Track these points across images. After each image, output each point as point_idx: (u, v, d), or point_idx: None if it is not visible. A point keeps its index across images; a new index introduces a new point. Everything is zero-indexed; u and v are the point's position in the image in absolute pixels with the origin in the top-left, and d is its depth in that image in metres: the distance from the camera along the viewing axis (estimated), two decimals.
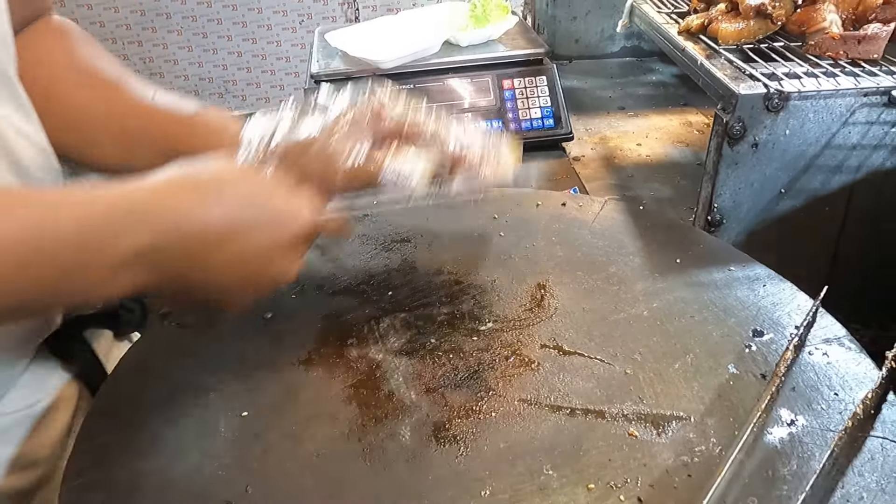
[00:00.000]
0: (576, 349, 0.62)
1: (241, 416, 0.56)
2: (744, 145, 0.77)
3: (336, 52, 1.31)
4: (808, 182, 0.79)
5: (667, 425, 0.54)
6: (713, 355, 0.61)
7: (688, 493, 0.48)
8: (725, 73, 0.80)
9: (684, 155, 1.30)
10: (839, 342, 0.61)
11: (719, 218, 0.81)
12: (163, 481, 0.51)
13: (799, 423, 0.54)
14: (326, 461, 0.52)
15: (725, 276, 0.70)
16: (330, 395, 0.58)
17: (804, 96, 0.74)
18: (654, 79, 1.63)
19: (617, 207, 0.83)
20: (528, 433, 0.54)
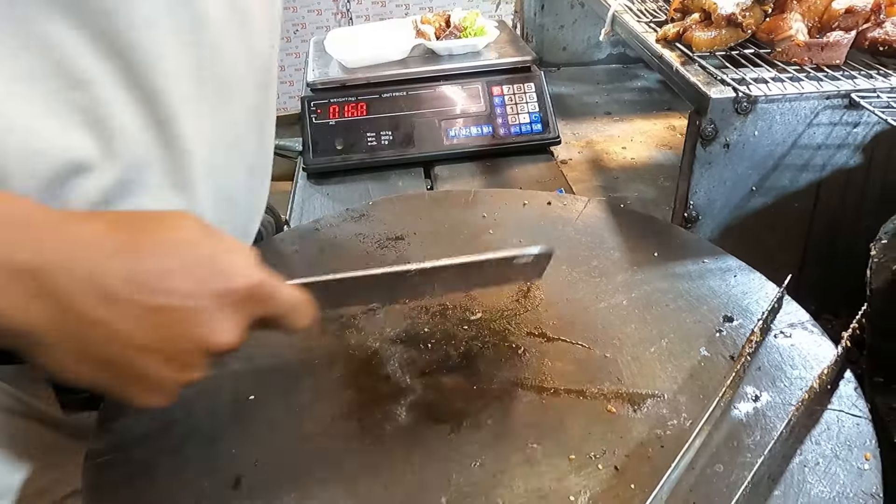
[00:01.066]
0: (559, 336, 0.67)
1: (248, 399, 0.60)
2: (716, 146, 0.82)
3: (331, 61, 1.36)
4: (777, 180, 0.84)
5: (642, 403, 0.59)
6: (686, 339, 0.65)
7: (660, 461, 0.53)
8: (699, 78, 0.85)
9: (668, 158, 1.35)
10: (803, 326, 0.66)
11: (695, 214, 0.86)
12: (177, 458, 0.55)
13: (763, 399, 0.58)
14: (328, 438, 0.57)
15: (699, 268, 0.75)
16: (330, 380, 0.62)
17: (771, 100, 0.79)
18: (639, 85, 1.69)
19: (599, 206, 0.88)
20: (515, 411, 0.58)
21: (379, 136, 1.28)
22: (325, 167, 1.26)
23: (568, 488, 0.51)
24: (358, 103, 1.29)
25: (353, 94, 1.29)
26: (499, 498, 0.51)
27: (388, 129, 1.28)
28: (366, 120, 1.28)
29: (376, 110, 1.29)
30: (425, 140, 1.28)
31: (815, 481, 0.51)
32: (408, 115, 1.29)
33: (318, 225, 0.87)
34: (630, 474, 0.52)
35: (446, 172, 1.26)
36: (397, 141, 1.28)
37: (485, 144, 1.28)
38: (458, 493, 0.51)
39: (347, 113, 1.29)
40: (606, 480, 0.52)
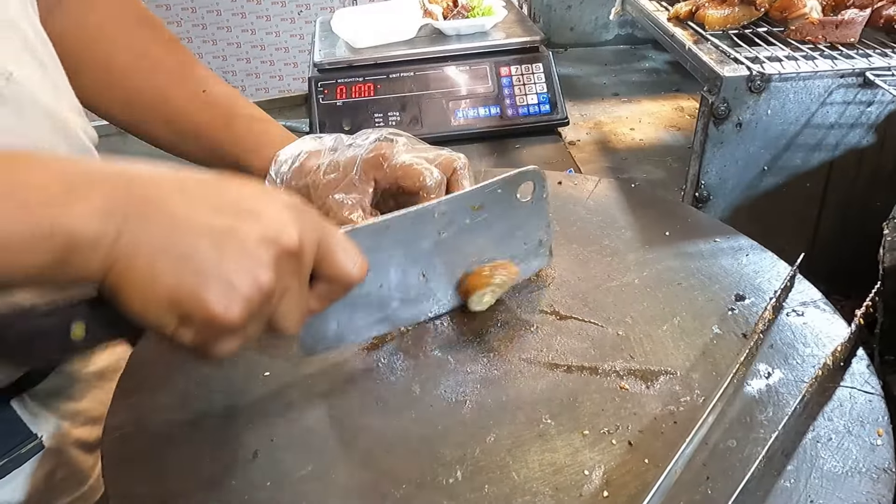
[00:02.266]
0: (571, 314, 0.67)
1: (264, 376, 0.61)
2: (728, 125, 0.81)
3: (337, 41, 1.35)
4: (789, 159, 0.84)
5: (655, 379, 0.59)
6: (698, 318, 0.66)
7: (673, 436, 0.53)
8: (711, 57, 0.84)
9: (676, 139, 1.35)
10: (815, 305, 0.66)
11: (706, 194, 0.85)
12: (194, 433, 0.56)
13: (775, 376, 0.59)
14: (343, 414, 0.57)
15: (711, 247, 0.75)
16: (344, 357, 0.63)
17: (785, 78, 0.79)
18: (647, 66, 1.68)
19: (610, 185, 0.88)
20: (528, 388, 0.59)
21: (386, 117, 1.27)
22: None
23: (582, 462, 0.52)
24: (365, 84, 1.28)
25: (360, 75, 1.28)
26: (513, 472, 0.51)
27: (395, 109, 1.28)
28: (373, 100, 1.28)
29: (383, 91, 1.28)
30: (433, 121, 1.27)
31: (827, 456, 0.51)
32: (415, 95, 1.28)
33: None
34: (644, 449, 0.53)
35: None
36: (405, 121, 1.27)
37: (492, 125, 1.28)
38: (473, 467, 0.52)
39: (355, 93, 1.28)
40: (620, 455, 0.52)
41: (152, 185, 0.42)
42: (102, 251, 0.39)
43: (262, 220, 0.43)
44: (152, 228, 0.40)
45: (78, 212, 0.38)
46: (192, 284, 0.41)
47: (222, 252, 0.41)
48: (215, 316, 0.41)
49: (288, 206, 0.45)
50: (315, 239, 0.46)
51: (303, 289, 0.47)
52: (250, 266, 0.42)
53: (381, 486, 0.51)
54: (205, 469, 0.52)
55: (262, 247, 0.42)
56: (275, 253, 0.43)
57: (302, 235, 0.44)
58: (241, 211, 0.43)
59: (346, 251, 0.48)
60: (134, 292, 0.41)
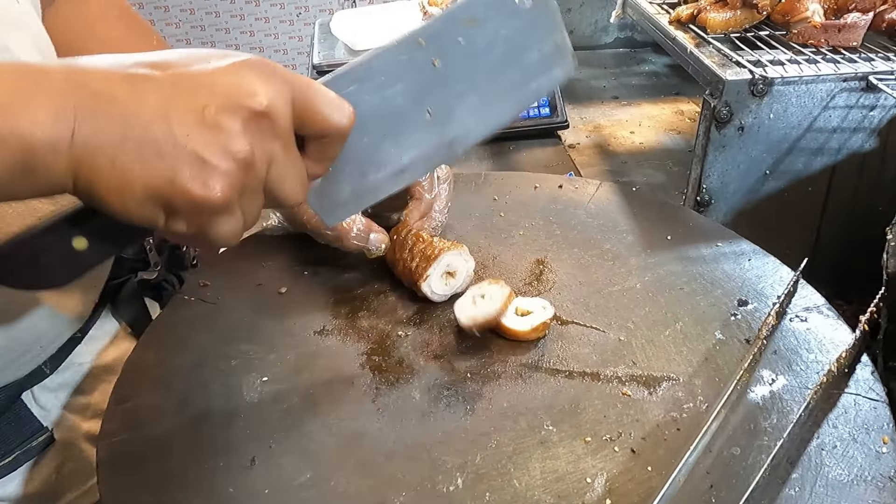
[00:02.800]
0: (573, 319, 0.66)
1: (263, 380, 0.60)
2: (730, 129, 0.81)
3: (336, 43, 1.35)
4: (791, 163, 0.83)
5: (657, 385, 0.58)
6: (701, 323, 0.65)
7: (677, 444, 0.53)
8: (713, 60, 0.84)
9: (676, 142, 1.34)
10: (818, 310, 0.66)
11: (708, 198, 0.85)
12: (191, 439, 0.55)
13: (779, 382, 0.58)
14: (342, 420, 0.56)
15: (713, 252, 0.74)
16: (344, 362, 0.62)
17: (787, 82, 0.78)
18: (646, 69, 1.67)
19: (611, 189, 0.87)
20: (530, 394, 0.58)
21: None
22: None
23: (584, 470, 0.51)
24: None
25: None
26: (515, 479, 0.51)
27: None
28: None
29: None
30: None
31: (832, 464, 0.51)
32: None
33: None
34: (646, 457, 0.52)
35: None
36: None
37: None
38: (474, 474, 0.51)
39: None
40: (623, 462, 0.52)
41: (101, 78, 0.39)
42: (62, 154, 0.38)
43: (220, 87, 0.40)
44: (105, 122, 0.38)
45: (28, 115, 0.37)
46: (160, 170, 0.39)
47: (184, 129, 0.39)
48: (197, 197, 0.40)
49: (250, 66, 0.41)
50: (286, 95, 0.42)
51: (289, 152, 0.44)
52: (218, 137, 0.40)
53: (381, 494, 0.50)
54: (202, 476, 0.52)
55: (226, 114, 0.40)
56: (242, 118, 0.40)
57: (270, 94, 0.41)
58: (196, 83, 0.40)
59: (325, 100, 0.44)
60: (107, 192, 0.39)
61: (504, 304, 0.62)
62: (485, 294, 0.63)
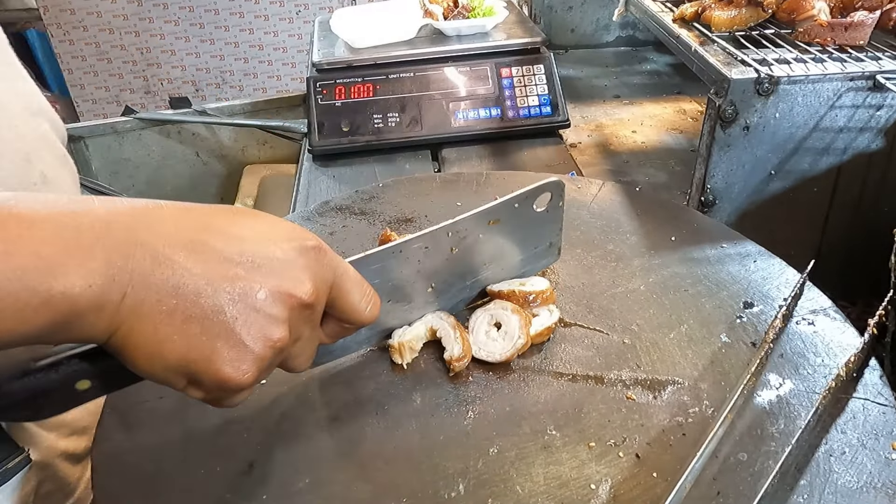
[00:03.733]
0: (576, 321, 0.65)
1: (260, 384, 0.59)
2: (736, 128, 0.80)
3: (336, 41, 1.34)
4: (797, 163, 0.82)
5: (662, 389, 0.57)
6: (706, 325, 0.64)
7: (682, 449, 0.52)
8: (718, 59, 0.83)
9: (678, 141, 1.33)
10: (825, 313, 0.65)
11: (712, 198, 0.84)
12: (187, 443, 0.54)
13: (786, 387, 0.57)
14: (342, 424, 0.55)
15: (718, 253, 0.73)
16: (344, 365, 0.61)
17: (793, 81, 0.77)
18: (648, 68, 1.66)
19: (614, 189, 0.86)
20: (533, 397, 0.57)
21: (386, 118, 1.25)
22: (331, 149, 1.24)
23: (588, 476, 0.50)
24: (364, 84, 1.27)
25: (359, 75, 1.26)
26: (517, 486, 0.50)
27: (395, 110, 1.26)
28: (372, 101, 1.26)
29: (383, 91, 1.26)
30: (433, 122, 1.26)
31: (841, 471, 0.50)
32: (415, 96, 1.26)
33: (327, 206, 0.85)
34: (652, 462, 0.51)
35: (454, 155, 1.24)
36: (404, 123, 1.25)
37: (493, 127, 1.26)
38: (475, 480, 0.50)
39: (354, 94, 1.26)
40: (628, 468, 0.51)
41: (155, 235, 0.38)
42: (107, 315, 0.36)
43: (275, 272, 0.40)
44: (157, 289, 0.37)
45: (77, 277, 0.35)
46: (201, 349, 0.38)
47: (233, 312, 0.39)
48: (227, 378, 0.40)
49: (304, 250, 0.42)
50: (329, 282, 0.44)
51: (315, 332, 0.46)
52: (263, 325, 0.40)
53: (381, 500, 0.49)
54: (198, 482, 0.51)
55: (276, 303, 0.40)
56: (289, 307, 0.41)
57: (316, 283, 0.42)
58: (253, 262, 0.40)
59: (360, 293, 0.47)
60: (140, 355, 0.38)
61: (526, 338, 0.60)
62: (500, 322, 0.61)
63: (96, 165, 1.69)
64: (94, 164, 1.68)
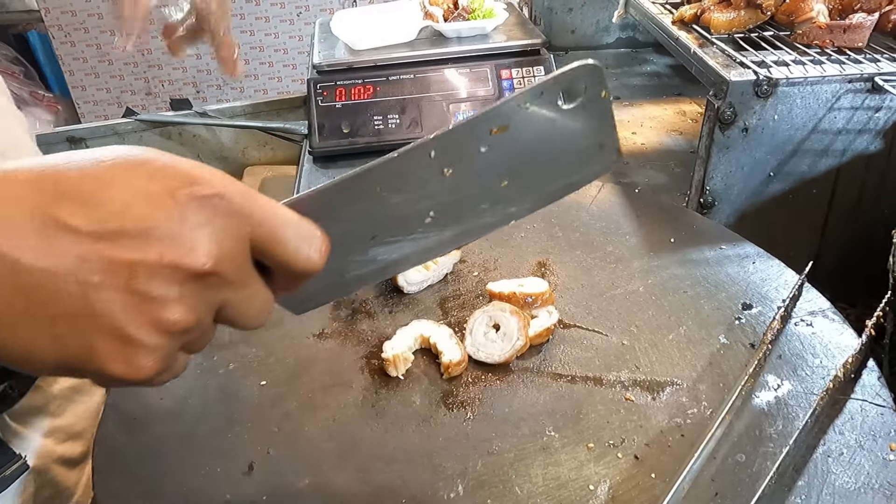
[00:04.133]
0: (575, 322, 0.65)
1: (261, 385, 0.59)
2: (734, 130, 0.80)
3: (336, 43, 1.34)
4: (795, 165, 0.82)
5: (661, 390, 0.58)
6: (705, 327, 0.64)
7: (681, 450, 0.52)
8: (717, 60, 0.83)
9: (678, 143, 1.33)
10: (823, 314, 0.65)
11: (711, 200, 0.84)
12: (188, 444, 0.54)
13: (784, 388, 0.57)
14: (342, 425, 0.56)
15: (717, 254, 0.73)
16: (343, 366, 0.61)
17: (792, 83, 0.77)
18: (648, 69, 1.66)
19: (613, 191, 0.86)
20: (531, 399, 0.57)
21: (386, 119, 1.26)
22: (332, 150, 1.25)
23: (587, 477, 0.50)
24: (365, 86, 1.27)
25: (359, 77, 1.27)
26: (516, 486, 0.50)
27: (395, 112, 1.26)
28: (373, 103, 1.26)
29: (383, 93, 1.27)
30: (433, 123, 1.26)
31: (839, 472, 0.50)
32: (415, 97, 1.27)
33: None
34: (650, 463, 0.51)
35: None
36: (404, 124, 1.26)
37: None
38: (475, 481, 0.50)
39: (354, 95, 1.26)
40: (626, 469, 0.51)
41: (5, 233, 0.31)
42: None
43: (154, 240, 0.32)
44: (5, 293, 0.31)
45: None
46: (76, 349, 0.32)
47: (104, 302, 0.32)
48: (122, 377, 0.33)
49: (195, 203, 0.33)
50: (244, 235, 0.35)
51: (248, 290, 0.36)
52: (148, 309, 0.32)
53: (381, 500, 0.49)
54: (198, 482, 0.51)
55: (160, 280, 0.32)
56: (180, 282, 0.33)
57: (219, 243, 0.34)
58: (123, 233, 0.32)
59: (293, 237, 0.37)
60: (13, 360, 0.33)
61: (525, 339, 0.60)
62: (498, 324, 0.61)
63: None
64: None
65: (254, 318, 0.37)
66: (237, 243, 0.35)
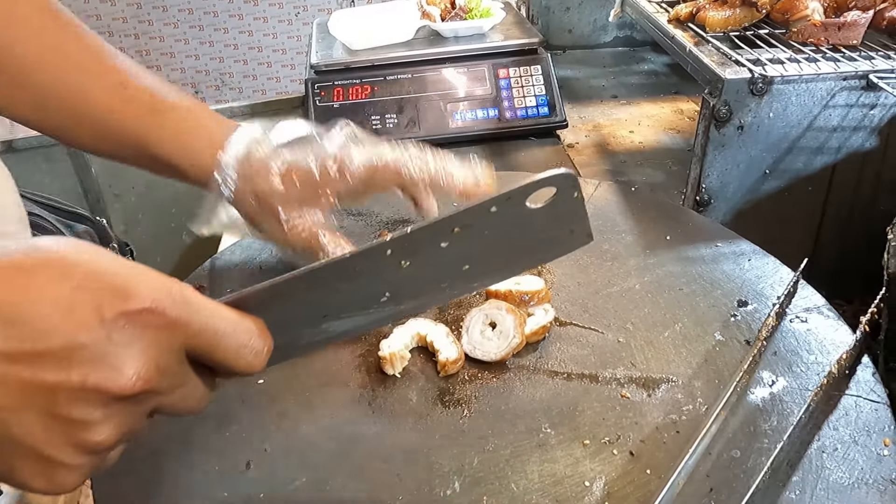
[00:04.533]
0: (571, 320, 0.66)
1: (258, 383, 0.59)
2: (730, 128, 0.80)
3: (334, 43, 1.34)
4: (791, 163, 0.83)
5: (656, 387, 0.58)
6: (700, 324, 0.64)
7: (676, 446, 0.52)
8: (713, 59, 0.83)
9: (675, 142, 1.34)
10: (819, 311, 0.65)
11: (707, 198, 0.84)
12: (185, 442, 0.54)
13: (779, 384, 0.57)
14: (338, 423, 0.56)
15: (712, 252, 0.74)
16: (340, 364, 0.61)
17: (787, 80, 0.78)
18: (646, 68, 1.67)
19: (610, 189, 0.87)
20: (528, 396, 0.58)
21: (384, 119, 1.26)
22: None
23: (583, 474, 0.51)
24: (362, 86, 1.27)
25: (357, 77, 1.27)
26: (512, 483, 0.50)
27: (392, 111, 1.26)
28: (370, 102, 1.26)
29: (381, 93, 1.27)
30: (430, 123, 1.26)
31: (833, 467, 0.50)
32: (413, 97, 1.27)
33: None
34: (646, 460, 0.52)
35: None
36: (402, 124, 1.26)
37: (490, 128, 1.27)
38: (471, 478, 0.51)
39: (352, 95, 1.27)
40: (622, 466, 0.51)
41: None
42: None
43: (76, 362, 0.30)
44: None
45: None
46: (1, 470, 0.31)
47: (24, 427, 0.30)
48: (47, 491, 0.33)
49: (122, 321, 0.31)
50: (177, 348, 0.34)
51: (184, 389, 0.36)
52: (69, 432, 0.31)
53: (377, 498, 0.50)
54: (195, 481, 0.51)
55: (81, 403, 0.31)
56: (103, 403, 0.31)
57: (148, 361, 0.32)
58: (43, 354, 0.30)
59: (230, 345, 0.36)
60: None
61: (521, 337, 0.60)
62: (495, 322, 0.61)
63: (96, 169, 1.69)
64: (94, 167, 1.69)
65: (190, 411, 0.37)
66: (170, 356, 0.34)
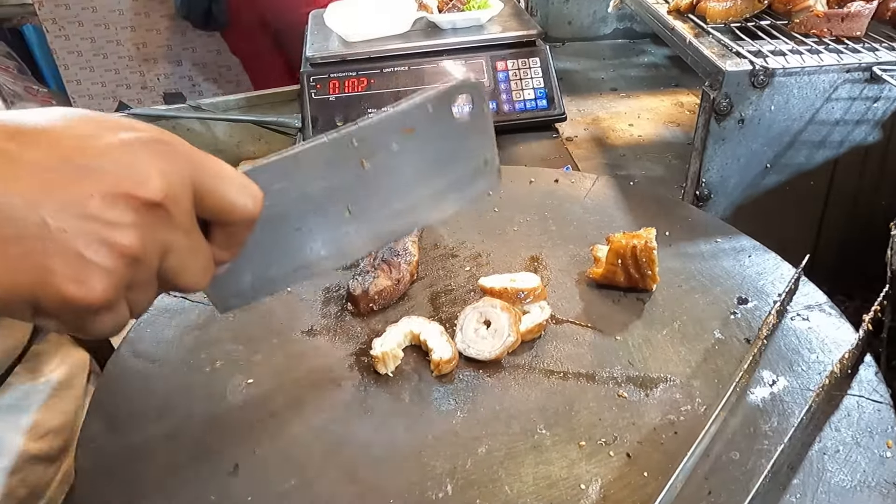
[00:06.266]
0: (568, 318, 0.64)
1: (248, 383, 0.58)
2: (730, 121, 0.79)
3: (330, 35, 1.32)
4: (792, 157, 0.81)
5: (654, 387, 0.57)
6: (699, 322, 0.63)
7: (674, 448, 0.51)
8: (713, 50, 0.82)
9: (675, 135, 1.32)
10: (820, 308, 0.64)
11: (707, 192, 0.83)
12: (172, 444, 0.53)
13: (780, 384, 0.56)
14: (329, 424, 0.55)
15: (712, 248, 0.72)
16: (332, 363, 0.60)
17: (789, 73, 0.76)
18: (645, 60, 1.65)
19: (608, 184, 0.85)
20: (523, 396, 0.56)
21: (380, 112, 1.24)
22: None
23: (578, 476, 0.50)
24: (358, 78, 1.25)
25: (353, 69, 1.25)
26: (506, 486, 0.49)
27: (389, 104, 1.24)
28: (366, 95, 1.25)
29: (377, 85, 1.25)
30: None
31: (835, 469, 0.49)
32: (409, 90, 1.25)
33: None
34: (643, 461, 0.50)
35: None
36: None
37: None
38: (464, 480, 0.49)
39: (348, 88, 1.25)
40: (618, 468, 0.50)
41: None
42: None
43: (108, 172, 0.35)
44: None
45: None
46: (31, 271, 0.33)
47: (60, 222, 0.33)
48: (71, 298, 0.34)
49: (146, 145, 0.36)
50: (187, 178, 0.37)
51: (191, 240, 0.39)
52: (103, 232, 0.34)
53: (368, 501, 0.49)
54: (183, 483, 0.50)
55: (114, 206, 0.34)
56: (134, 208, 0.35)
57: (168, 180, 0.36)
58: (78, 165, 0.34)
59: (230, 183, 0.39)
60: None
61: (516, 335, 0.59)
62: (489, 320, 0.60)
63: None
64: None
65: (194, 274, 0.40)
66: (182, 185, 0.37)
